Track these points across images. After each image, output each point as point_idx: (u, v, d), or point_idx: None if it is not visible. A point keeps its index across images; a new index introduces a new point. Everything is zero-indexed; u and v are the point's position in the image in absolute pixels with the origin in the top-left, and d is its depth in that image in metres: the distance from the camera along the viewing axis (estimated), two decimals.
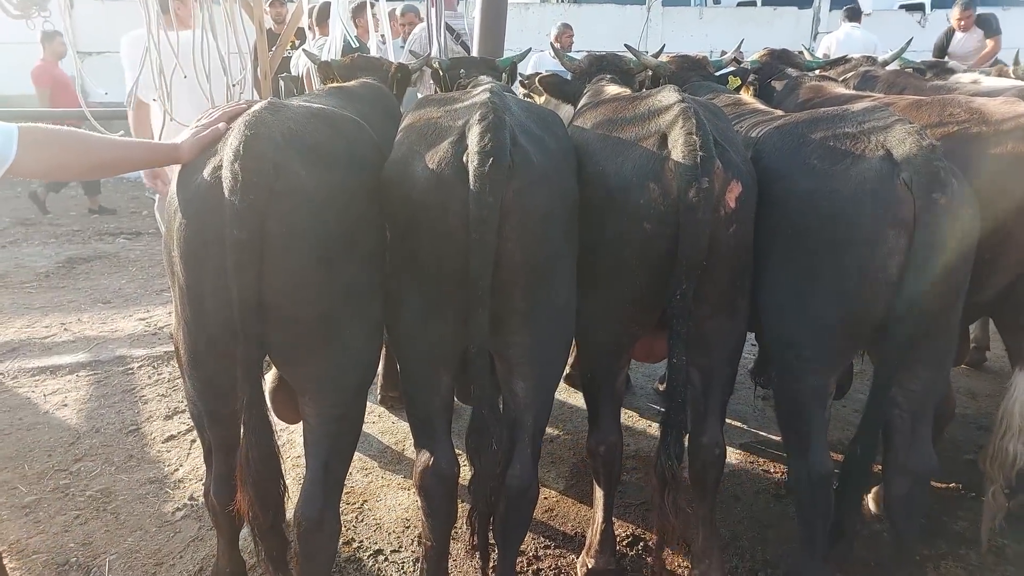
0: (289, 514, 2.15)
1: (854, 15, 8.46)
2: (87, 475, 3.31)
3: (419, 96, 3.55)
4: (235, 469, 2.19)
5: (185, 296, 1.93)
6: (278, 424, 2.32)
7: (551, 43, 6.71)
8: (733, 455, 3.48)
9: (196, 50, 4.07)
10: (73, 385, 4.21)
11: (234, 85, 4.25)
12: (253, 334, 1.81)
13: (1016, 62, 4.76)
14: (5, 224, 7.81)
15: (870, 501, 2.94)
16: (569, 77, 3.58)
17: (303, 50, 4.38)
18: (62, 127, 1.75)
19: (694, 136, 2.01)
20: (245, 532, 2.49)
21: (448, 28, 5.23)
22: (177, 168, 2.01)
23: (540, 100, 4.21)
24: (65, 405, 3.97)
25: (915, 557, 2.44)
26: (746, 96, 3.37)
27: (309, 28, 5.30)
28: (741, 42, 3.84)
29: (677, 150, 2.02)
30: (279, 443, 1.99)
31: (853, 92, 3.31)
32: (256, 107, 1.96)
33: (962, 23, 7.26)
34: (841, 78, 3.82)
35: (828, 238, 2.05)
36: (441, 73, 3.86)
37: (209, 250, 1.82)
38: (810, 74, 3.76)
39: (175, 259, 1.93)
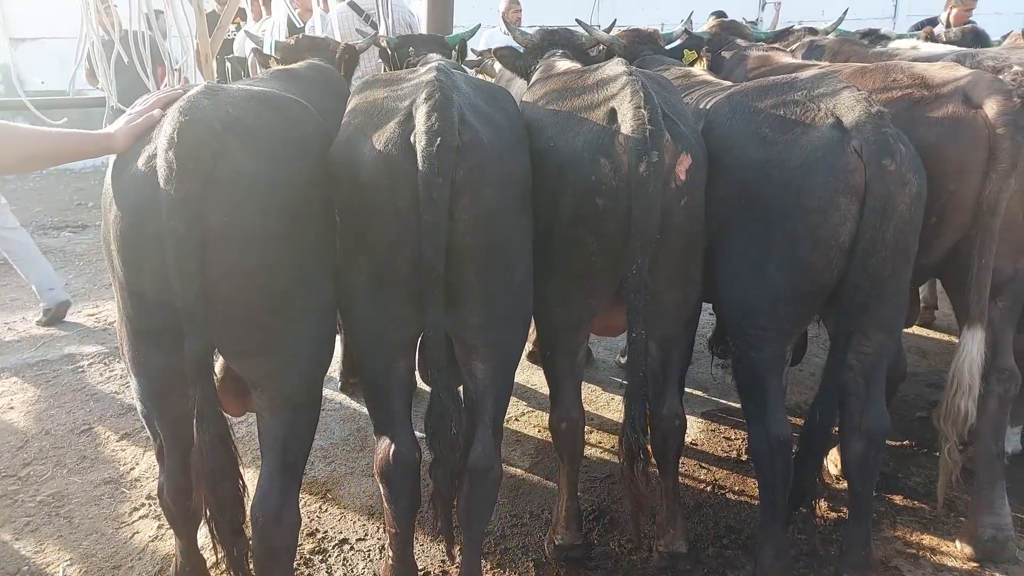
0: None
1: None
2: (37, 479, 3.20)
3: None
4: (189, 467, 2.13)
5: (125, 291, 1.86)
6: (238, 417, 2.28)
7: (502, 17, 6.63)
8: (695, 424, 3.53)
9: (133, 34, 3.92)
10: (19, 387, 4.06)
11: (175, 69, 4.10)
12: (199, 328, 1.75)
13: (947, 25, 4.87)
14: None
15: (828, 463, 3.02)
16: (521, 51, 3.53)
17: (245, 32, 4.23)
18: None
19: (642, 110, 1.99)
20: (205, 529, 2.45)
21: (354, 7, 5.07)
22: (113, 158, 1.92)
23: (494, 78, 4.15)
24: (11, 408, 3.83)
25: (872, 514, 2.51)
26: (696, 68, 3.37)
27: (252, 11, 5.14)
28: (691, 14, 3.84)
29: (626, 124, 2.01)
30: (242, 435, 1.95)
31: (800, 62, 3.33)
32: (192, 92, 1.87)
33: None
34: (789, 48, 3.85)
35: (780, 207, 2.07)
36: (389, 52, 3.77)
37: (147, 243, 1.75)
38: (758, 44, 3.78)
39: (113, 253, 1.85)
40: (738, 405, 3.67)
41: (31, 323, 4.93)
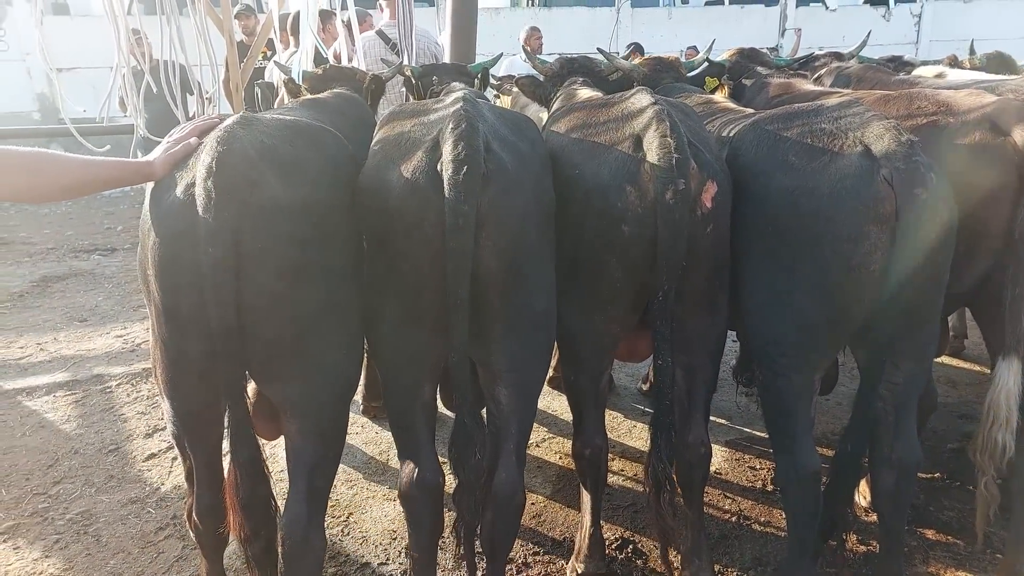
0: None
1: None
2: (67, 498, 3.25)
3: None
4: (218, 489, 2.16)
5: (161, 316, 1.89)
6: (271, 441, 2.30)
7: (522, 46, 6.72)
8: (719, 453, 3.49)
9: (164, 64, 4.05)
10: (50, 406, 4.13)
11: (206, 98, 4.22)
12: (233, 353, 1.78)
13: (971, 52, 4.84)
14: None
15: (857, 495, 2.96)
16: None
17: (274, 62, 4.35)
18: (32, 149, 1.70)
19: (668, 138, 2.01)
20: (229, 551, 2.46)
21: (382, 36, 5.17)
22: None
23: (507, 101, 4.21)
24: (42, 427, 3.89)
25: (904, 548, 2.46)
26: (717, 96, 3.39)
27: (281, 40, 5.27)
28: (713, 42, 3.87)
29: (652, 152, 2.03)
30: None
31: (822, 89, 3.34)
32: (228, 121, 1.93)
33: None
34: (815, 76, 3.86)
35: (809, 235, 2.06)
36: (413, 81, 3.85)
37: (184, 269, 1.79)
38: (779, 72, 3.80)
39: (150, 278, 1.89)
40: (763, 434, 3.66)
41: (62, 343, 5.04)
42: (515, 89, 3.88)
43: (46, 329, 5.34)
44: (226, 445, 2.01)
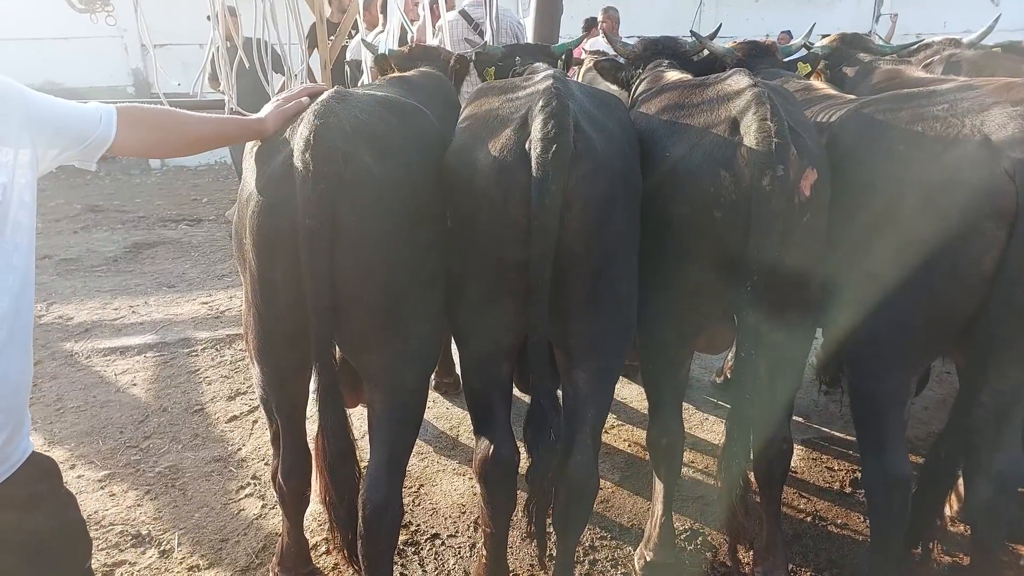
0: None
1: None
2: (156, 452, 3.44)
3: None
4: (302, 453, 2.24)
5: (256, 283, 1.96)
6: (351, 408, 2.36)
7: (601, 28, 6.60)
8: (796, 452, 3.37)
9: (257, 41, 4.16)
10: (141, 365, 4.37)
11: (295, 75, 4.33)
12: (324, 321, 1.83)
13: None
14: (77, 211, 8.12)
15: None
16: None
17: (361, 41, 4.41)
18: (160, 107, 1.79)
19: (768, 122, 1.94)
20: (311, 509, 2.56)
21: (465, 16, 5.16)
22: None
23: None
24: (134, 384, 4.13)
25: (996, 564, 2.34)
26: (817, 82, 3.25)
27: (364, 20, 5.35)
28: (812, 27, 3.70)
29: (750, 136, 1.96)
30: None
31: (935, 76, 3.13)
32: (324, 96, 1.97)
33: None
34: (924, 64, 3.62)
35: (915, 229, 1.95)
36: (494, 63, 3.81)
37: (281, 238, 1.85)
38: (884, 59, 3.60)
39: (246, 246, 1.96)
40: (841, 434, 3.54)
41: (152, 307, 5.31)
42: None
43: (137, 293, 5.64)
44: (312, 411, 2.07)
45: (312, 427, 2.07)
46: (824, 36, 3.84)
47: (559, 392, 2.19)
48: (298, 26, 4.14)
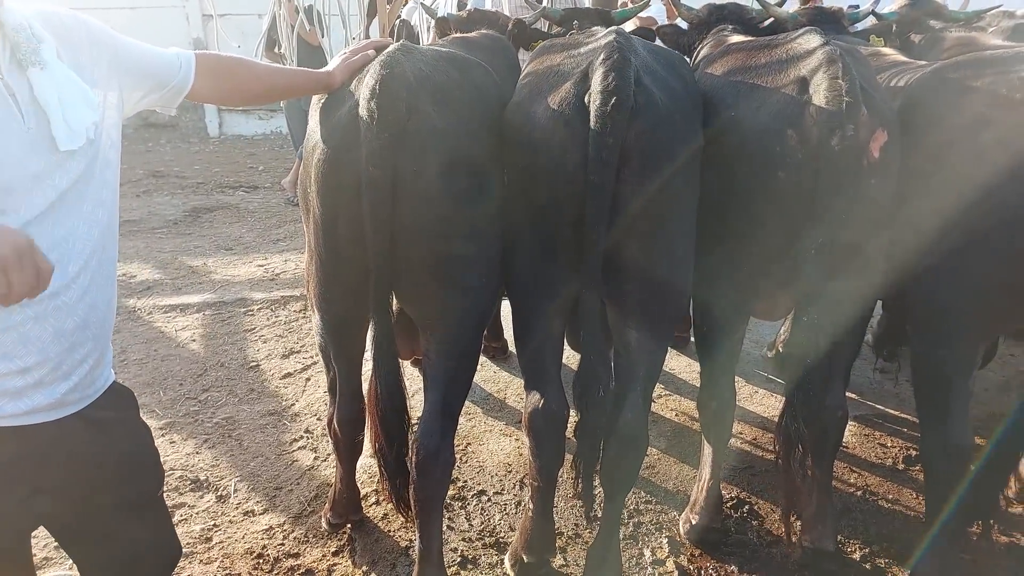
0: None
1: None
2: (214, 404, 3.57)
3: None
4: (358, 400, 2.30)
5: (320, 230, 2.01)
6: (405, 360, 2.41)
7: None
8: (848, 427, 3.33)
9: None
10: (200, 322, 4.53)
11: (353, 38, 4.38)
12: (384, 270, 1.87)
13: None
14: (139, 176, 8.40)
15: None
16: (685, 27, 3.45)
17: (420, 4, 4.43)
18: (232, 56, 1.84)
19: (840, 80, 1.88)
20: (361, 462, 2.63)
21: None
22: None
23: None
24: (193, 340, 4.28)
25: None
26: (885, 48, 3.13)
27: None
28: None
29: (820, 95, 1.91)
30: None
31: (1014, 44, 2.99)
32: (390, 48, 1.99)
33: None
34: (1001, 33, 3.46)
35: (1001, 196, 1.87)
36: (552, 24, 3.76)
37: (345, 186, 1.88)
38: (956, 26, 3.44)
39: (311, 194, 2.01)
40: (895, 411, 3.46)
41: (211, 268, 5.48)
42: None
43: (197, 254, 5.83)
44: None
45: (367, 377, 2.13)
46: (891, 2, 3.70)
47: (611, 351, 2.20)
48: None
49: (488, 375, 3.85)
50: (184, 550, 2.11)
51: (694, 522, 2.56)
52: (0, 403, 1.31)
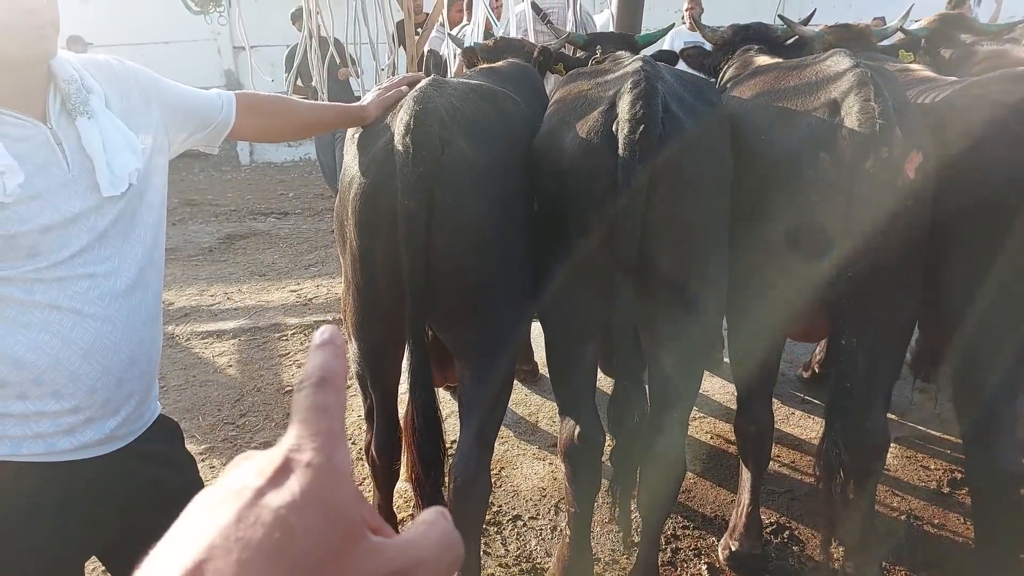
0: None
1: None
2: (251, 429, 3.63)
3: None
4: (394, 428, 2.33)
5: (356, 262, 2.05)
6: (438, 387, 2.43)
7: (687, 14, 6.49)
8: (890, 450, 3.26)
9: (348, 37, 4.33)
10: (236, 348, 4.62)
11: (382, 70, 4.47)
12: (420, 299, 1.90)
13: None
14: (174, 204, 8.63)
15: None
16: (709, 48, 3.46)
17: (448, 35, 4.51)
18: (271, 95, 1.90)
19: (872, 103, 1.88)
20: (397, 487, 2.65)
21: (534, 7, 5.16)
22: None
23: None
24: (230, 366, 4.36)
25: None
26: (914, 65, 3.11)
27: (448, 17, 5.45)
28: (911, 7, 3.53)
29: (852, 117, 1.90)
30: None
31: None
32: (422, 83, 2.04)
33: None
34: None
35: None
36: (575, 50, 3.80)
37: (381, 218, 1.93)
38: (988, 39, 3.40)
39: (348, 226, 2.05)
40: (938, 433, 3.38)
41: (245, 294, 5.60)
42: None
43: (231, 281, 5.95)
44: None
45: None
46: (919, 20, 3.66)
47: (644, 375, 2.19)
48: (387, 23, 4.28)
49: (520, 398, 3.85)
50: None
51: (734, 548, 2.52)
52: (53, 440, 1.36)
